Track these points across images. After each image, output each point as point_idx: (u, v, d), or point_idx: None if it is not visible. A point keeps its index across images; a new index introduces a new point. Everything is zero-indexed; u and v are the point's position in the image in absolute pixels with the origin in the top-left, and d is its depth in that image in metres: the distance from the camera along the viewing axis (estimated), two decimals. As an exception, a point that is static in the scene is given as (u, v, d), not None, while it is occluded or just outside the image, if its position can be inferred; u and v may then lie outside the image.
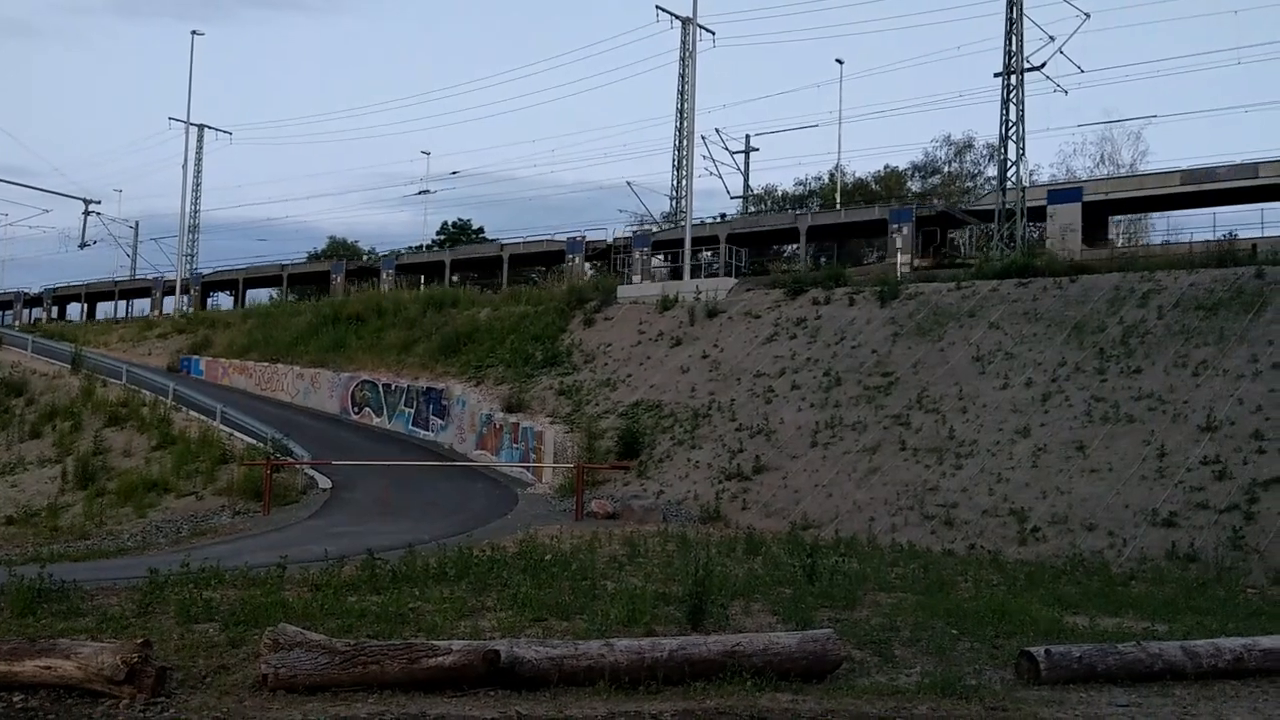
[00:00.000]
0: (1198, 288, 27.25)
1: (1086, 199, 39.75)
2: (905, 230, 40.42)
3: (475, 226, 75.03)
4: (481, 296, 47.01)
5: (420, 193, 70.64)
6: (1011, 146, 38.87)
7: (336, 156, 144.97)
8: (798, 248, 52.43)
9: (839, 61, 65.49)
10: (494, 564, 14.64)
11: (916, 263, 39.05)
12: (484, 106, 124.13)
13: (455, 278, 56.19)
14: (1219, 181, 38.23)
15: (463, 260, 59.09)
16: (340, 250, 76.11)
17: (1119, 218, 49.98)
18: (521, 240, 55.39)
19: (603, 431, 30.17)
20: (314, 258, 72.55)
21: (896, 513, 22.83)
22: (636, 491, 26.92)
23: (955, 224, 44.64)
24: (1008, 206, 38.37)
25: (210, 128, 72.89)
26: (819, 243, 50.73)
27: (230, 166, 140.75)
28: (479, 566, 14.33)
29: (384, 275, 58.81)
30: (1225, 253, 30.48)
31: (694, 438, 28.69)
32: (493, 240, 56.57)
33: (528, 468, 31.56)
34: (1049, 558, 19.30)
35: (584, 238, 51.61)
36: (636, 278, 45.50)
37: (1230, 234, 37.04)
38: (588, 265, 53.16)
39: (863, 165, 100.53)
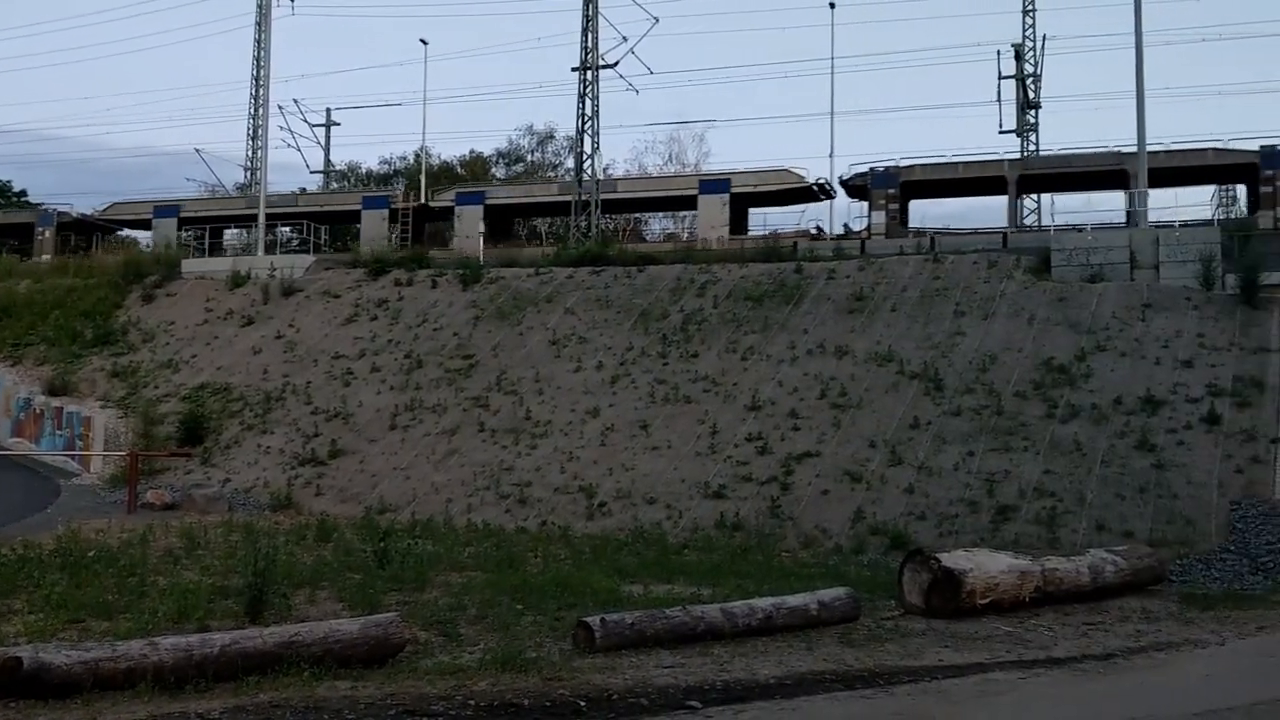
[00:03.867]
0: (748, 280, 29.87)
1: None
2: (48, 233, 47.92)
3: (17, 189, 67.21)
4: (21, 266, 42.14)
5: (-57, 147, 62.02)
6: (587, 140, 40.64)
7: None
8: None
9: (423, 42, 64.58)
10: (25, 563, 13.22)
11: (49, 259, 44.92)
12: (22, 58, 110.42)
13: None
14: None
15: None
16: None
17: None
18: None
19: (163, 416, 28.11)
20: None
21: (474, 493, 23.13)
22: (200, 480, 25.35)
23: (100, 230, 51.02)
24: (584, 198, 40.04)
25: None
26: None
27: None
28: (6, 566, 12.89)
29: None
30: (772, 250, 33.55)
31: (265, 422, 27.44)
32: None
33: (73, 456, 28.77)
34: (614, 531, 20.36)
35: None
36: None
37: (773, 231, 40.76)
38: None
39: (450, 148, 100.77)
